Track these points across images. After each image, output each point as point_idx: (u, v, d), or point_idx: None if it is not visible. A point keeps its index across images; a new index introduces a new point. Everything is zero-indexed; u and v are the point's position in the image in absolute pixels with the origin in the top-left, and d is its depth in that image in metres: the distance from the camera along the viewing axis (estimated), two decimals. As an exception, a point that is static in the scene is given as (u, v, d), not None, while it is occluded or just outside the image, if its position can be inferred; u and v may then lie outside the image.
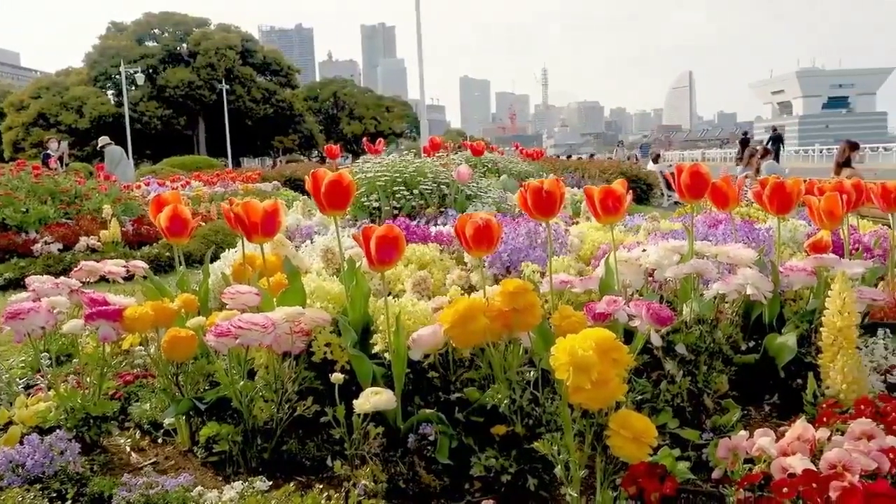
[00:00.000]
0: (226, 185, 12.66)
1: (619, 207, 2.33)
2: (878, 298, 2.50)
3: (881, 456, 1.53)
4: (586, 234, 3.38)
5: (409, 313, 2.19)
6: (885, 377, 2.31)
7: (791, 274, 2.54)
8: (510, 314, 1.89)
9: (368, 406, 1.82)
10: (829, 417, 1.83)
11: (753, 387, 2.49)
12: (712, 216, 3.90)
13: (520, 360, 1.98)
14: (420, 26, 20.46)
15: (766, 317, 2.60)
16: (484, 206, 5.49)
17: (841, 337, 2.12)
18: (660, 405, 2.19)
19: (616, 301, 2.03)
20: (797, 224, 3.68)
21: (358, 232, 2.09)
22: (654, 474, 1.71)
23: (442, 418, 1.99)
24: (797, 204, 2.72)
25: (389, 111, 60.64)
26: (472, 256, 2.26)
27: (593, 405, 1.61)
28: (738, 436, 1.75)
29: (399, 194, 5.37)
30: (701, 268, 2.38)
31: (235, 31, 54.19)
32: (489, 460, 1.90)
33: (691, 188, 2.50)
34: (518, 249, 2.94)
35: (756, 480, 1.56)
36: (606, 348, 1.60)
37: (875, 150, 36.36)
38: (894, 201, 3.03)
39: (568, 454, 1.64)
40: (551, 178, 2.23)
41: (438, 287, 2.76)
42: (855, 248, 3.24)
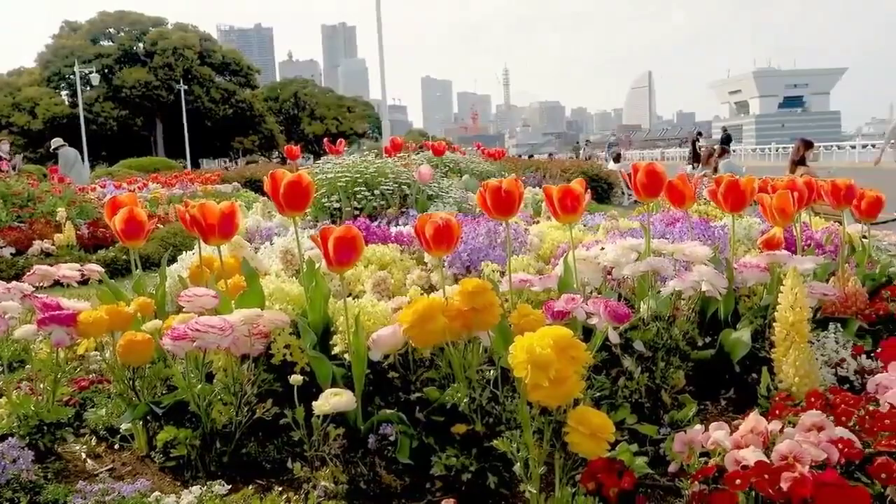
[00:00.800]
0: (184, 187, 12.49)
1: (578, 206, 2.35)
2: (828, 293, 2.57)
3: (830, 447, 1.57)
4: (546, 234, 3.41)
5: (368, 314, 2.19)
6: (835, 370, 2.36)
7: (745, 270, 2.59)
8: (469, 313, 1.90)
9: (328, 407, 1.81)
10: (782, 410, 1.87)
11: (710, 382, 2.53)
12: (670, 215, 3.96)
13: (479, 358, 1.99)
14: (381, 26, 20.42)
15: (722, 313, 2.65)
16: (445, 206, 5.50)
17: (793, 331, 2.17)
18: (618, 401, 2.22)
19: (574, 299, 2.05)
20: (752, 222, 3.75)
21: (317, 233, 2.08)
22: (612, 470, 1.74)
23: (402, 418, 1.99)
24: (750, 202, 2.77)
25: (351, 111, 60.44)
26: (432, 256, 2.27)
27: (552, 402, 1.62)
28: (694, 430, 1.78)
29: (360, 195, 5.35)
30: (657, 265, 2.42)
31: (193, 31, 53.53)
32: (450, 459, 1.90)
33: (647, 187, 2.54)
34: (478, 249, 2.95)
35: (710, 473, 1.59)
36: (564, 346, 1.62)
37: (829, 149, 37.19)
38: (844, 198, 3.11)
39: (527, 451, 1.65)
40: (510, 178, 2.24)
41: (399, 287, 2.76)
42: (807, 244, 3.32)
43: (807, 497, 1.38)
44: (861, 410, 1.76)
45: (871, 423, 1.67)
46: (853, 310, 2.71)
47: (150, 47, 50.70)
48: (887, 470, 1.45)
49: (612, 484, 1.71)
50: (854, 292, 2.77)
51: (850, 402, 1.83)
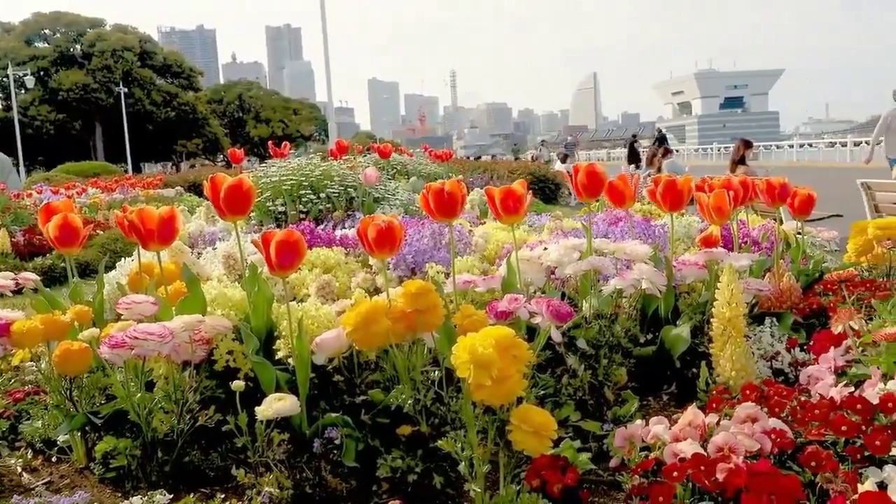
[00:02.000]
0: (125, 192, 12.21)
1: (520, 207, 2.37)
2: (763, 289, 2.64)
3: (763, 437, 1.62)
4: (491, 235, 3.43)
5: (312, 318, 2.17)
6: (771, 363, 2.43)
7: (684, 268, 2.65)
8: (413, 315, 1.91)
9: (271, 412, 1.80)
10: (719, 403, 1.92)
11: (652, 377, 2.58)
12: (613, 214, 4.03)
13: (424, 360, 1.99)
14: (326, 28, 20.31)
15: (662, 310, 2.70)
16: (392, 208, 5.50)
17: (730, 327, 2.23)
18: (562, 399, 2.25)
19: (517, 299, 2.07)
20: (691, 220, 3.84)
21: (259, 237, 2.06)
22: (556, 466, 1.76)
23: (348, 421, 1.98)
24: (688, 201, 2.84)
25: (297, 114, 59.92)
26: (376, 259, 2.27)
27: (495, 401, 1.64)
28: (634, 425, 1.82)
29: (305, 198, 5.31)
30: (598, 264, 2.46)
31: (133, 32, 52.38)
32: (395, 461, 1.90)
33: (588, 187, 2.57)
34: (423, 251, 2.96)
35: (649, 466, 1.63)
36: (506, 345, 1.64)
37: (768, 148, 38.21)
38: (778, 197, 3.20)
39: (471, 451, 1.67)
40: (453, 180, 2.26)
41: (344, 291, 2.75)
42: (744, 241, 3.41)
43: (741, 487, 1.43)
44: (794, 401, 1.82)
45: (803, 414, 1.72)
46: (788, 304, 2.79)
47: (88, 49, 49.45)
48: (816, 458, 1.50)
49: (556, 480, 1.74)
50: (788, 288, 2.85)
51: (784, 393, 1.89)
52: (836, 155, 32.83)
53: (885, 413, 1.63)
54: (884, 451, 1.49)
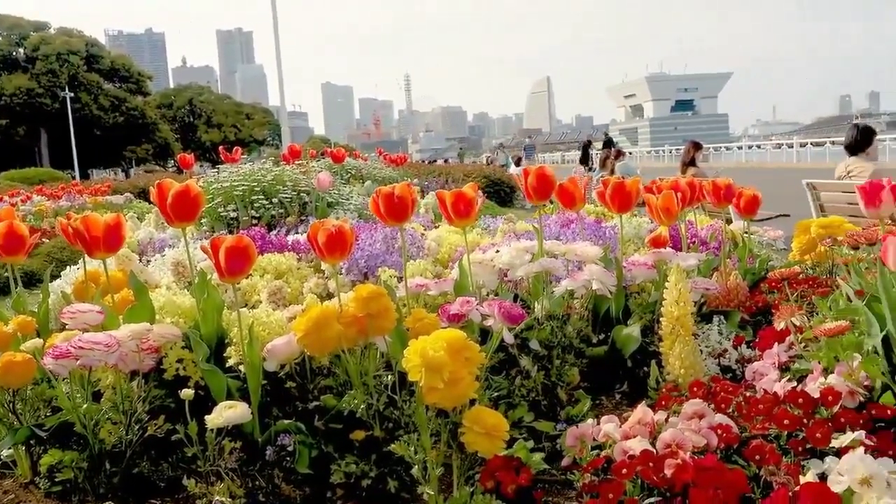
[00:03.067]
0: (72, 199, 11.92)
1: (471, 211, 2.39)
2: (710, 288, 2.70)
3: (710, 433, 1.65)
4: (444, 238, 3.44)
5: (263, 324, 2.16)
6: (719, 360, 2.48)
7: (633, 268, 2.69)
8: (364, 319, 1.90)
9: (221, 420, 1.78)
10: (668, 401, 1.96)
11: (604, 377, 2.62)
12: (566, 216, 4.07)
13: (377, 364, 1.99)
14: (278, 31, 20.14)
15: (614, 310, 2.74)
16: (346, 212, 5.48)
17: (678, 325, 2.27)
18: (516, 400, 2.27)
19: (469, 301, 2.08)
20: (641, 221, 3.90)
21: (208, 243, 2.03)
22: (509, 467, 1.78)
23: (301, 428, 1.97)
24: (637, 202, 2.88)
25: (250, 118, 59.24)
26: (327, 263, 2.26)
27: (447, 404, 1.65)
28: (585, 424, 1.84)
29: (258, 203, 5.26)
30: (549, 266, 2.49)
31: (79, 36, 51.24)
32: (349, 466, 1.90)
33: (538, 190, 2.60)
34: (375, 255, 2.96)
35: (599, 464, 1.65)
36: (458, 348, 1.65)
37: (718, 150, 38.96)
38: (724, 197, 3.28)
39: (425, 454, 1.67)
40: (403, 183, 2.26)
41: (296, 296, 2.73)
42: (692, 241, 3.48)
43: (688, 482, 1.45)
44: (739, 397, 1.86)
45: (748, 409, 1.76)
46: (735, 303, 2.85)
47: (32, 53, 48.25)
48: (760, 452, 1.53)
49: (509, 481, 1.75)
50: (735, 286, 2.91)
51: (730, 389, 1.93)
52: (783, 156, 33.66)
53: (825, 406, 1.68)
54: (824, 444, 1.53)
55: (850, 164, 5.80)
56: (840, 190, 5.45)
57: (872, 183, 2.34)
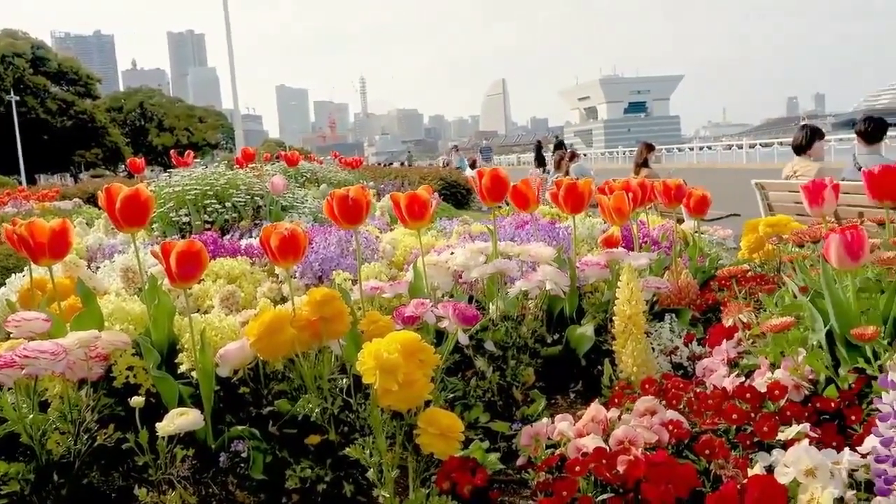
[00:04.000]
0: (19, 205, 11.58)
1: (425, 213, 2.39)
2: (662, 287, 2.74)
3: (661, 429, 1.68)
4: (399, 240, 3.44)
5: (216, 329, 2.13)
6: (670, 358, 2.52)
7: (586, 268, 2.72)
8: (318, 323, 1.89)
9: (173, 428, 1.75)
10: (620, 398, 1.98)
11: (559, 376, 2.64)
12: (521, 217, 4.10)
13: (331, 367, 1.98)
14: (230, 34, 19.90)
15: (567, 310, 2.77)
16: (301, 216, 5.44)
17: (630, 324, 2.30)
18: (471, 401, 2.28)
19: (424, 303, 2.09)
20: (595, 222, 3.95)
21: (158, 248, 2.00)
22: (465, 468, 1.78)
23: (255, 433, 1.95)
24: (589, 203, 2.92)
25: (203, 122, 58.37)
26: (280, 267, 2.24)
27: (402, 406, 1.65)
28: (540, 423, 1.86)
29: (210, 208, 5.19)
30: (503, 267, 2.50)
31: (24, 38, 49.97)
32: (305, 471, 1.88)
33: (492, 191, 2.62)
34: (329, 258, 2.94)
35: (554, 462, 1.67)
36: (412, 350, 1.65)
37: (670, 151, 39.61)
38: (675, 198, 3.33)
39: (380, 457, 1.67)
40: (357, 186, 2.25)
41: (249, 301, 2.70)
42: (644, 241, 3.53)
43: (640, 477, 1.48)
44: (690, 393, 1.90)
45: (698, 405, 1.80)
46: (686, 301, 2.90)
47: (-26, 55, 46.97)
48: (710, 446, 1.56)
49: (465, 482, 1.75)
50: (686, 284, 2.96)
51: (681, 386, 1.96)
52: (734, 157, 34.37)
53: (772, 400, 1.72)
54: (771, 437, 1.57)
55: (796, 164, 5.95)
56: (787, 189, 5.58)
57: (815, 182, 2.41)
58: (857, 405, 1.66)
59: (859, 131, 5.60)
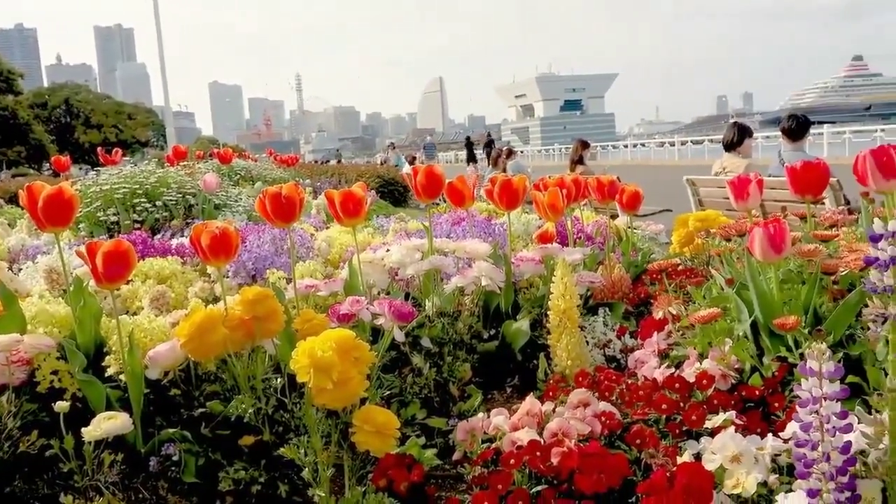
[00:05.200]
0: (-65, 206, 11.11)
1: (360, 210, 2.38)
2: (595, 281, 2.79)
3: (594, 420, 1.71)
4: (335, 238, 3.41)
5: (145, 330, 2.07)
6: (604, 351, 2.57)
7: (521, 264, 2.75)
8: (251, 322, 1.87)
9: (100, 433, 1.70)
10: (555, 391, 2.01)
11: (496, 371, 2.66)
12: (457, 215, 4.11)
13: (265, 367, 1.95)
14: (160, 28, 19.42)
15: (503, 305, 2.79)
16: (235, 214, 5.34)
17: (565, 318, 2.33)
18: (408, 398, 2.27)
19: (359, 301, 2.08)
20: (530, 218, 3.99)
21: (84, 248, 1.94)
22: (402, 465, 1.78)
23: (186, 436, 1.90)
24: (524, 200, 2.95)
25: (132, 118, 56.73)
26: (211, 266, 2.20)
27: (337, 404, 1.64)
28: (476, 418, 1.87)
29: (140, 207, 5.06)
30: (439, 264, 2.51)
31: (-60, 31, 47.82)
32: (238, 473, 1.85)
33: (427, 188, 2.62)
34: (263, 257, 2.89)
35: (489, 456, 1.68)
36: (347, 347, 1.64)
37: (605, 148, 40.32)
38: (608, 194, 3.39)
39: (315, 456, 1.65)
40: (290, 183, 2.23)
41: (181, 301, 2.64)
42: (578, 237, 3.58)
43: (574, 468, 1.50)
44: (622, 385, 1.94)
45: (630, 396, 1.84)
46: (619, 295, 2.95)
47: None
48: (641, 436, 1.60)
49: (402, 479, 1.75)
50: (619, 279, 3.02)
51: (613, 378, 2.00)
52: (666, 154, 35.21)
53: (700, 390, 1.77)
54: (699, 425, 1.61)
55: (725, 160, 6.12)
56: (716, 185, 5.74)
57: (741, 178, 2.48)
58: (780, 392, 1.72)
59: (784, 129, 5.79)
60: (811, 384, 1.20)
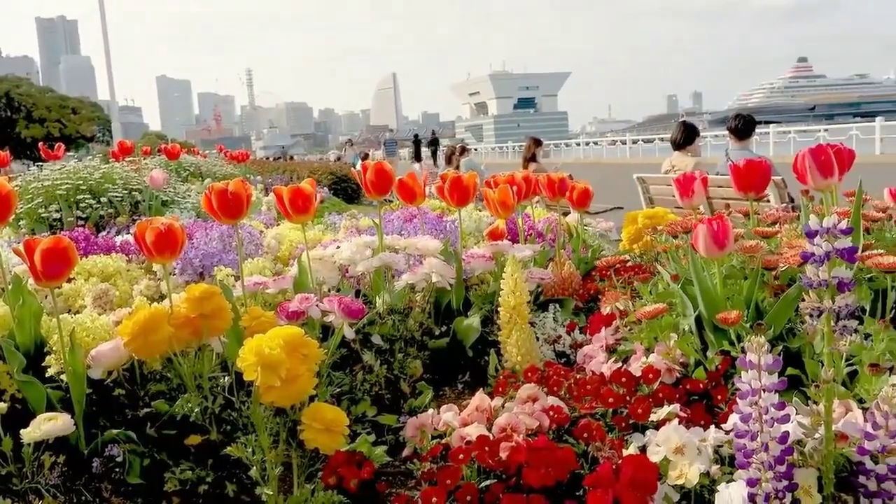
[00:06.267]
0: None
1: (309, 206, 2.36)
2: (545, 278, 2.81)
3: (542, 415, 1.73)
4: (285, 235, 3.38)
5: (88, 329, 2.03)
6: (553, 346, 2.59)
7: (472, 261, 2.76)
8: (198, 320, 1.84)
9: (39, 434, 1.66)
10: (504, 387, 2.02)
11: (447, 368, 2.66)
12: (409, 212, 4.11)
13: (212, 365, 1.93)
14: (106, 20, 18.96)
15: (454, 302, 2.79)
16: (183, 211, 5.25)
17: (515, 314, 2.35)
18: (359, 395, 2.26)
19: (308, 298, 2.06)
20: (482, 215, 4.00)
21: (21, 246, 1.88)
22: (352, 462, 1.77)
23: (131, 436, 1.87)
24: (474, 197, 2.96)
25: (76, 113, 55.27)
26: (157, 264, 2.16)
27: (285, 402, 1.62)
28: (425, 414, 1.88)
29: (84, 203, 4.93)
30: (389, 260, 2.50)
31: None
32: (185, 473, 1.82)
33: (376, 185, 2.61)
34: (211, 254, 2.85)
35: (438, 452, 1.68)
36: (295, 345, 1.63)
37: (558, 146, 40.68)
38: (558, 191, 3.43)
39: (263, 454, 1.63)
40: (237, 180, 2.20)
41: (125, 299, 2.59)
42: (529, 233, 3.61)
43: (522, 462, 1.51)
44: (571, 380, 1.96)
45: (578, 390, 1.86)
46: (569, 291, 2.99)
47: None
48: (588, 430, 1.62)
49: (352, 476, 1.74)
50: (569, 275, 3.05)
51: (562, 373, 2.02)
52: (618, 152, 35.67)
53: (646, 384, 1.80)
54: (645, 418, 1.64)
55: (674, 159, 6.23)
56: (666, 183, 5.84)
57: (686, 175, 2.53)
58: (723, 385, 1.76)
59: (731, 128, 5.92)
60: (750, 376, 1.23)
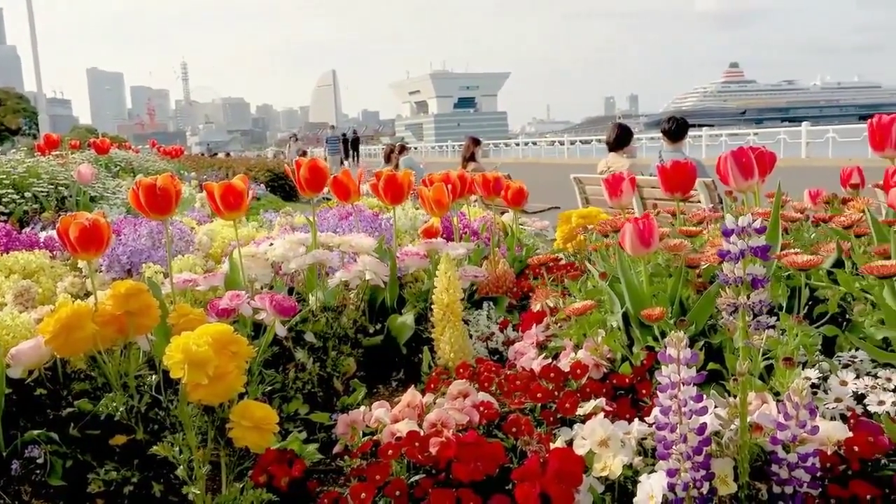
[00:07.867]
0: None
1: (241, 202, 2.33)
2: (479, 275, 2.84)
3: (473, 411, 1.74)
4: (217, 232, 3.33)
5: (7, 327, 1.96)
6: (486, 343, 2.62)
7: (406, 258, 2.77)
8: (124, 317, 1.80)
9: (-47, 436, 1.60)
10: (436, 383, 2.04)
11: (381, 366, 2.67)
12: (345, 209, 4.09)
13: (139, 364, 1.89)
14: (32, 8, 18.31)
15: (388, 300, 2.80)
16: (113, 207, 5.12)
17: (448, 311, 2.37)
18: (291, 393, 2.25)
19: (239, 295, 2.04)
20: (417, 213, 4.02)
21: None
22: (282, 460, 1.76)
23: (52, 437, 1.82)
24: (409, 195, 2.97)
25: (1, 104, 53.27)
26: (81, 260, 2.10)
27: (213, 400, 1.60)
28: (357, 411, 1.88)
29: (7, 198, 4.76)
30: (322, 258, 2.49)
31: None
32: (109, 473, 1.78)
33: (310, 182, 2.60)
34: (139, 251, 2.79)
35: (368, 448, 1.69)
36: (224, 342, 1.61)
37: (498, 146, 41.01)
38: (493, 190, 3.47)
39: (190, 453, 1.61)
40: (165, 175, 2.16)
41: (49, 297, 2.51)
42: (465, 232, 3.64)
43: (451, 457, 1.53)
44: (501, 376, 1.99)
45: (508, 386, 1.89)
46: (503, 289, 3.02)
47: None
48: (517, 425, 1.65)
49: (282, 474, 1.73)
50: (503, 273, 3.09)
51: (493, 369, 2.05)
52: (556, 152, 36.17)
53: (574, 379, 1.84)
54: (572, 412, 1.68)
55: (610, 160, 6.36)
56: (601, 184, 5.95)
57: (615, 176, 2.59)
58: (648, 380, 1.81)
59: (664, 130, 6.07)
60: (670, 370, 1.27)
